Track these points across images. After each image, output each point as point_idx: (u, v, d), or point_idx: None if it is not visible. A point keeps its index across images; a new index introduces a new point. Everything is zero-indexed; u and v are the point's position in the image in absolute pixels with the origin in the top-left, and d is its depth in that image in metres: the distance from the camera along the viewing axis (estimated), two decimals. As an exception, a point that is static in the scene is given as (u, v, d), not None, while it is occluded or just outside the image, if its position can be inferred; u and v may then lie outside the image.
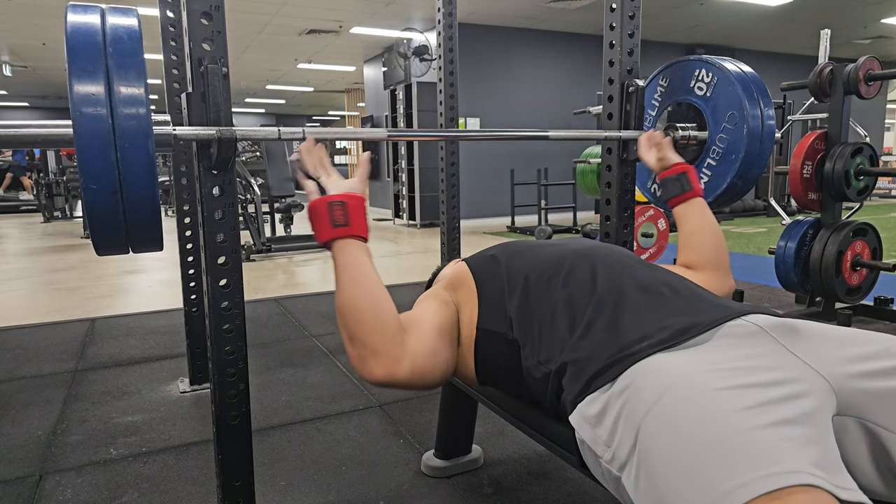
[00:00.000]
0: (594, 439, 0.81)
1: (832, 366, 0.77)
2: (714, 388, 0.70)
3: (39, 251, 6.22)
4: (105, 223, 0.99)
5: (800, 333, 0.83)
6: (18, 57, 10.04)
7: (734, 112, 1.60)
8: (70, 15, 0.97)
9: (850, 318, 2.73)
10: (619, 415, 0.77)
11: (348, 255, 1.04)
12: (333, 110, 19.17)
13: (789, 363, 0.77)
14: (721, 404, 0.68)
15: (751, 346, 0.80)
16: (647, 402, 0.73)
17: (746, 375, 0.73)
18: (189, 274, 2.32)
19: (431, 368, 1.01)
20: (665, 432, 0.69)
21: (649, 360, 0.80)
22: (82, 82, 0.93)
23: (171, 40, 2.17)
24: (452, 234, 2.57)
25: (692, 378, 0.73)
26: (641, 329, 0.87)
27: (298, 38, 8.83)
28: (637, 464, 0.72)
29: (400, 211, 8.59)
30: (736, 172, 1.61)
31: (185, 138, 1.14)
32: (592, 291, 0.97)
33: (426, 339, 1.03)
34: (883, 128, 12.46)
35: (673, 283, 0.98)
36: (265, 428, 2.00)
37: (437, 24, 2.49)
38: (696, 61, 1.70)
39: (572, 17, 7.86)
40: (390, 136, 1.40)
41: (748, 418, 0.66)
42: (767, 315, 0.89)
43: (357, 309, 0.99)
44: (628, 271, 1.01)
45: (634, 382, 0.78)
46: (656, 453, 0.69)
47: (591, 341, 0.90)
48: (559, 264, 1.05)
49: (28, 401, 2.25)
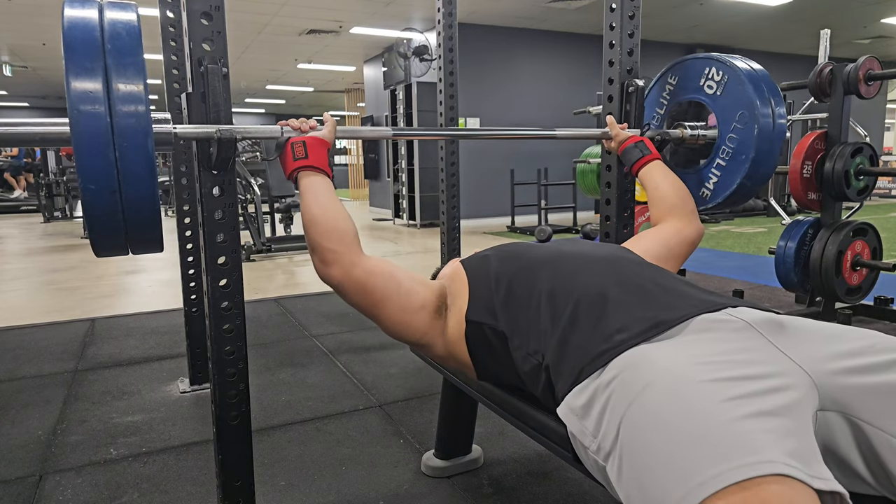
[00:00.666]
0: (582, 431, 0.82)
1: (816, 362, 0.78)
2: (697, 381, 0.71)
3: (39, 251, 6.22)
4: (104, 223, 0.98)
5: (786, 329, 0.84)
6: (18, 57, 10.04)
7: (744, 112, 1.58)
8: (67, 9, 0.95)
9: (850, 318, 2.73)
10: (604, 406, 0.78)
11: (309, 182, 1.21)
12: (333, 110, 19.17)
13: (773, 358, 0.78)
14: (702, 396, 0.69)
15: (737, 340, 0.81)
16: (630, 394, 0.74)
17: (729, 369, 0.74)
18: (189, 274, 2.32)
19: (384, 284, 1.13)
20: (646, 423, 0.70)
21: (634, 351, 0.81)
22: (80, 79, 0.91)
23: (171, 40, 2.17)
24: (452, 234, 2.57)
25: (676, 370, 0.74)
26: (625, 322, 0.88)
27: (298, 38, 8.83)
28: (620, 453, 0.73)
29: (400, 211, 8.59)
30: (746, 173, 1.60)
31: (186, 137, 1.14)
32: (576, 286, 0.99)
33: (383, 263, 1.17)
34: (883, 128, 12.46)
35: (661, 280, 0.99)
36: (265, 428, 2.00)
37: (437, 24, 2.49)
38: (705, 59, 1.67)
39: (572, 17, 7.86)
40: (395, 135, 1.40)
41: (727, 410, 0.67)
42: (754, 309, 0.90)
43: (319, 221, 1.15)
44: (616, 268, 1.03)
45: (620, 374, 0.79)
46: (637, 443, 0.70)
47: (576, 335, 0.91)
48: (547, 261, 1.08)
49: (28, 401, 2.25)
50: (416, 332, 1.15)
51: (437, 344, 1.17)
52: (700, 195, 1.73)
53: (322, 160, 1.24)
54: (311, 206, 1.17)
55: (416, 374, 2.44)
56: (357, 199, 13.96)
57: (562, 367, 0.90)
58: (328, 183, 1.23)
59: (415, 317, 1.14)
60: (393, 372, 2.49)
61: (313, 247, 1.15)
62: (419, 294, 1.15)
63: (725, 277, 4.27)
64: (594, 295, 0.95)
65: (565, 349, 0.91)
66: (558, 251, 1.11)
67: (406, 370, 2.49)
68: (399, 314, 1.13)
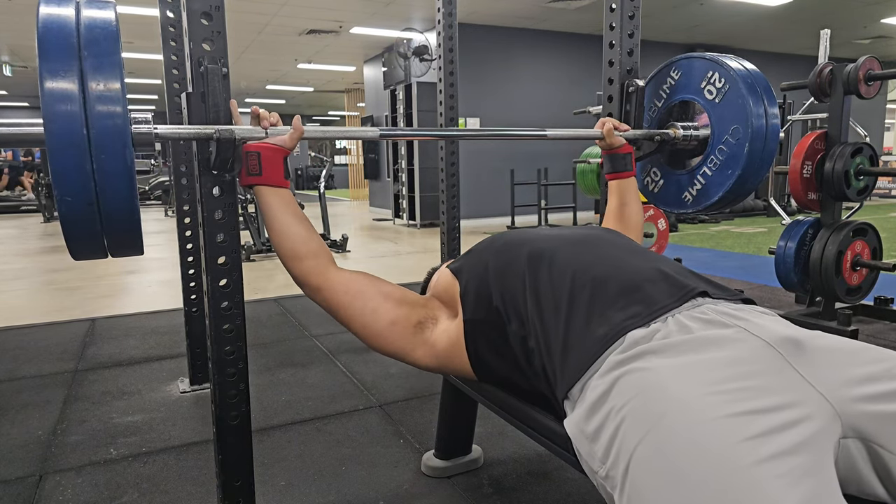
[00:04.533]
0: (590, 454, 0.82)
1: (837, 389, 0.76)
2: (710, 418, 0.69)
3: (39, 251, 6.22)
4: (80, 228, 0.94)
5: (805, 350, 0.80)
6: (18, 57, 10.04)
7: (739, 127, 1.55)
8: (42, 7, 0.91)
9: (849, 318, 2.73)
10: (614, 434, 0.77)
11: (265, 202, 1.19)
12: (333, 110, 19.17)
13: (793, 385, 0.75)
14: (715, 438, 0.67)
15: (755, 362, 0.78)
16: (641, 429, 0.73)
17: (746, 400, 0.71)
18: (189, 274, 2.32)
19: (349, 302, 1.16)
20: (656, 468, 0.69)
21: (646, 373, 0.78)
22: (54, 78, 0.87)
23: (171, 40, 2.17)
24: (452, 234, 2.57)
25: (689, 404, 0.72)
26: (622, 306, 0.90)
27: (298, 39, 8.82)
28: (628, 493, 0.72)
29: (400, 211, 8.59)
30: (730, 187, 1.58)
31: (170, 138, 1.12)
32: (574, 273, 0.99)
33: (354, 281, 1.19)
34: (883, 128, 12.46)
35: (663, 267, 1.00)
36: (265, 428, 2.00)
37: (437, 24, 2.49)
38: (709, 62, 1.63)
39: (572, 17, 7.86)
40: (383, 136, 1.40)
41: (742, 455, 0.65)
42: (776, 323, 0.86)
43: (279, 244, 1.19)
44: (617, 254, 1.04)
45: (631, 403, 0.76)
46: (646, 488, 0.69)
47: (573, 324, 0.92)
48: (546, 248, 1.08)
49: (28, 401, 2.25)
50: (391, 345, 1.17)
51: (420, 357, 1.17)
52: (682, 198, 1.72)
53: (277, 174, 1.19)
54: (272, 228, 1.20)
55: (416, 374, 2.44)
56: (357, 199, 13.96)
57: (561, 361, 0.92)
58: (284, 198, 1.20)
59: (386, 332, 1.16)
60: (393, 372, 2.49)
61: (283, 263, 1.20)
62: (388, 312, 1.16)
63: (725, 277, 4.28)
64: (595, 285, 0.96)
65: (565, 343, 0.92)
66: (561, 237, 1.12)
67: (406, 370, 2.49)
68: (366, 330, 1.16)
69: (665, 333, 0.84)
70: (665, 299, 0.91)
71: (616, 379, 0.81)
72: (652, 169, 1.82)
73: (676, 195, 1.74)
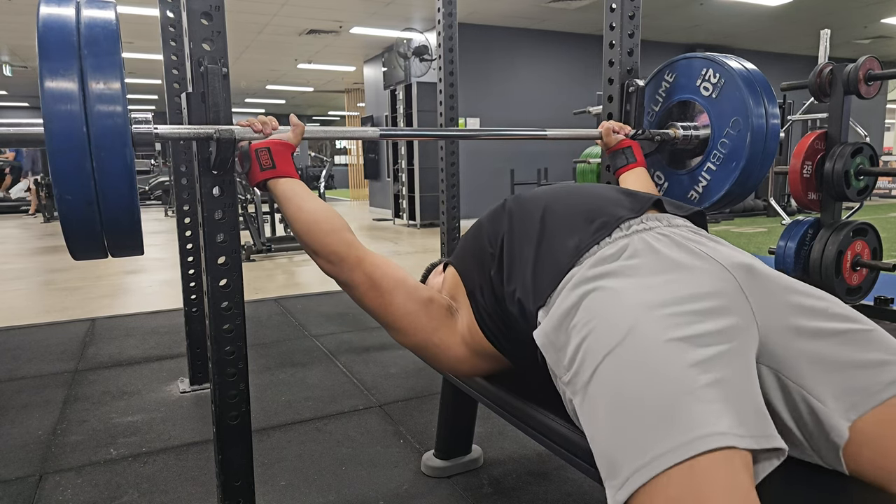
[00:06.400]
0: (556, 361, 0.86)
1: (769, 314, 0.82)
2: (664, 339, 0.74)
3: (40, 251, 6.22)
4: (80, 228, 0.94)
5: (756, 276, 0.86)
6: (18, 57, 10.04)
7: (738, 118, 1.57)
8: (43, 7, 0.91)
9: (850, 318, 2.73)
10: (578, 346, 0.81)
11: (287, 189, 1.17)
12: (333, 110, 19.17)
13: (739, 305, 0.81)
14: (666, 362, 0.72)
15: (712, 285, 0.82)
16: (605, 346, 0.77)
17: (697, 323, 0.76)
18: (189, 274, 2.32)
19: (392, 274, 1.11)
20: (615, 385, 0.74)
21: (612, 294, 0.82)
22: (54, 77, 0.88)
23: (171, 40, 2.17)
24: (452, 234, 2.57)
25: (648, 323, 0.76)
26: (590, 220, 0.96)
27: (298, 39, 8.82)
28: (588, 401, 0.77)
29: (400, 211, 8.59)
30: (735, 180, 1.59)
31: (171, 138, 1.13)
32: (545, 204, 1.04)
33: (386, 258, 1.16)
34: (883, 128, 12.46)
35: (632, 191, 1.06)
36: (265, 428, 2.00)
37: (437, 24, 2.49)
38: (703, 59, 1.65)
39: (572, 17, 7.86)
40: (383, 136, 1.40)
41: (688, 379, 0.70)
42: (733, 250, 0.91)
43: (313, 226, 1.12)
44: (592, 189, 1.08)
45: (595, 319, 0.80)
46: (604, 403, 0.74)
47: (544, 243, 0.98)
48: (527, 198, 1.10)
49: (28, 401, 2.25)
50: (426, 327, 1.10)
51: (452, 344, 1.11)
52: (689, 197, 1.73)
53: (289, 166, 1.20)
54: (301, 213, 1.15)
55: (416, 374, 2.44)
56: (357, 199, 13.96)
57: (530, 272, 0.96)
58: (303, 185, 1.21)
59: (425, 309, 1.10)
60: (393, 372, 2.49)
61: (315, 250, 1.12)
62: (426, 289, 1.13)
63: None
64: (561, 207, 1.02)
65: (533, 255, 0.97)
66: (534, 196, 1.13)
67: (406, 370, 2.49)
68: (409, 304, 1.09)
69: (632, 252, 0.88)
70: (624, 213, 0.96)
71: (584, 294, 0.84)
72: (655, 172, 1.83)
73: (682, 195, 1.75)
